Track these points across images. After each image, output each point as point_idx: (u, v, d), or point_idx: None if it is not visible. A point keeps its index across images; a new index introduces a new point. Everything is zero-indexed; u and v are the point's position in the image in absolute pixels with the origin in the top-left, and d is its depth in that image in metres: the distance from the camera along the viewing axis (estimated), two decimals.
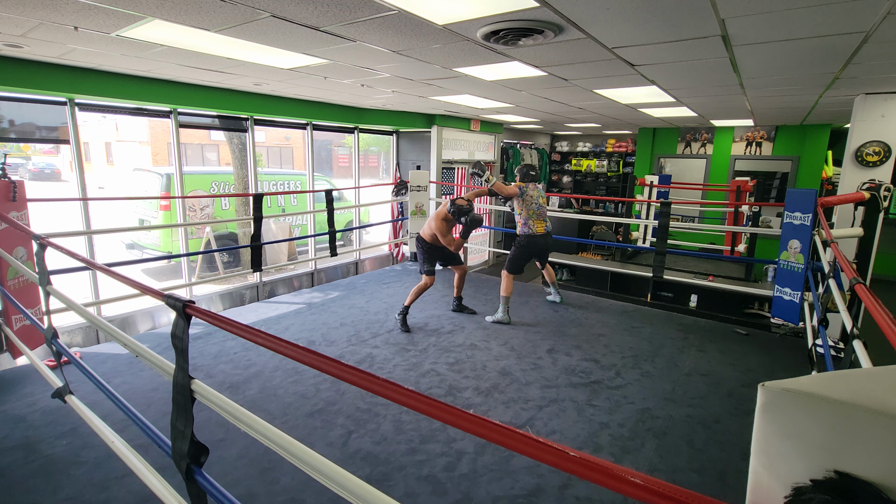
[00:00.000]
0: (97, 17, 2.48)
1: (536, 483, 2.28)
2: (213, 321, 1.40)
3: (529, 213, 4.40)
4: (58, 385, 2.51)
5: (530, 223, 4.40)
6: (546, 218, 4.48)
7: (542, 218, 4.43)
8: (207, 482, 1.47)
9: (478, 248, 9.18)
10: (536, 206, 4.40)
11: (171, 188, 6.39)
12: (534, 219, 4.41)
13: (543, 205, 4.48)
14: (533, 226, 4.41)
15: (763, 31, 2.49)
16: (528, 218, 4.41)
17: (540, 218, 4.42)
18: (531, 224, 4.40)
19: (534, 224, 4.40)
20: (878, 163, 4.35)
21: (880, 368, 0.66)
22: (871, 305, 1.53)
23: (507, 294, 4.43)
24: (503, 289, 4.43)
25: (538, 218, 4.42)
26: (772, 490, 0.64)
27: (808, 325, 3.66)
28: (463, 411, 0.92)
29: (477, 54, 3.15)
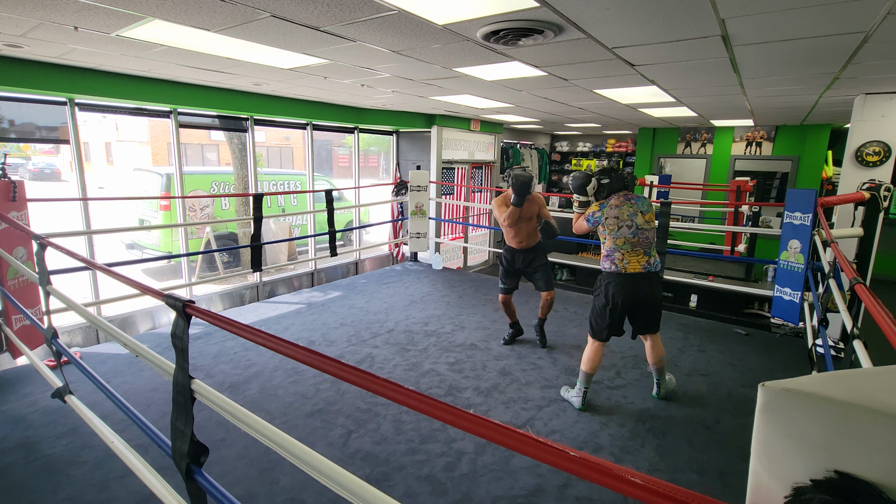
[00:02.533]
0: (97, 17, 2.48)
1: (536, 483, 2.28)
2: (213, 321, 1.40)
3: (616, 241, 2.86)
4: (58, 385, 2.51)
5: (616, 256, 2.85)
6: (650, 248, 2.86)
7: (640, 248, 2.84)
8: (207, 482, 1.47)
9: (478, 248, 9.18)
10: (629, 228, 2.84)
11: (171, 188, 6.39)
12: (623, 249, 2.84)
13: (644, 225, 2.85)
14: (621, 261, 2.84)
15: (763, 31, 2.49)
16: (614, 248, 2.86)
17: (636, 248, 2.83)
18: (617, 258, 2.85)
19: (623, 258, 2.83)
20: (878, 163, 4.35)
21: (880, 368, 0.66)
22: (871, 305, 1.52)
23: (588, 369, 2.94)
24: (583, 359, 2.98)
25: (632, 248, 2.83)
26: (772, 490, 0.64)
27: (808, 325, 3.66)
28: (463, 411, 0.92)
29: (477, 54, 3.15)
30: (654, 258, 2.88)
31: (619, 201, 2.90)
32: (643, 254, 2.84)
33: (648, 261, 2.85)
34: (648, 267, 2.84)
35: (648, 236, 2.86)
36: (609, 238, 2.88)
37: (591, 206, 2.99)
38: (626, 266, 2.83)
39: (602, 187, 2.98)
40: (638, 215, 2.86)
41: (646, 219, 2.86)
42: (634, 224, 2.84)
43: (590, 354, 2.96)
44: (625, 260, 2.84)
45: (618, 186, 2.94)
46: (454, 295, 5.36)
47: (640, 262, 2.83)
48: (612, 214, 2.87)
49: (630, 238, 2.84)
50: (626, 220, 2.85)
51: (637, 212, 2.87)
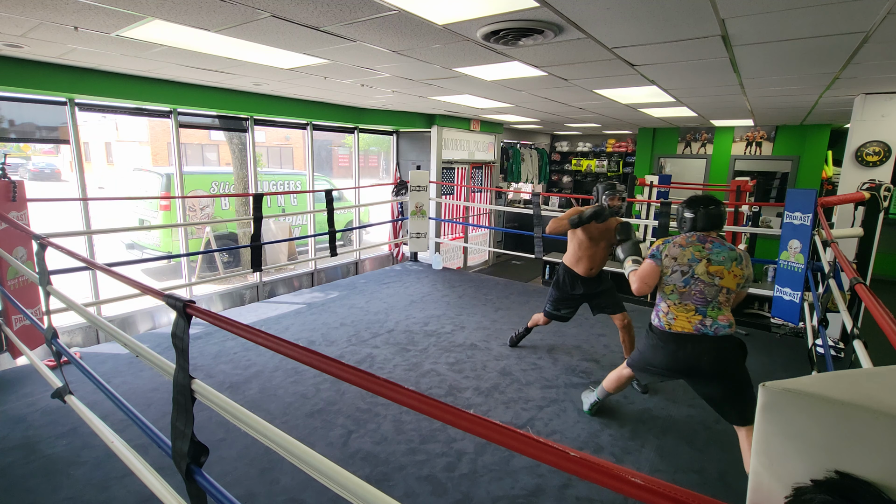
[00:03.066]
0: (97, 17, 2.48)
1: (537, 483, 2.28)
2: (213, 321, 1.40)
3: (664, 288, 2.31)
4: (58, 385, 2.51)
5: (661, 308, 2.34)
6: (709, 307, 2.21)
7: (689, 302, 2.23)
8: (207, 482, 1.47)
9: (478, 248, 9.18)
10: (682, 275, 2.24)
11: (171, 188, 6.38)
12: (670, 300, 2.29)
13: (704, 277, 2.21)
14: (666, 314, 2.29)
15: (763, 31, 2.49)
16: (661, 297, 2.35)
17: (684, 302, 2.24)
18: (662, 310, 2.32)
19: (669, 311, 2.29)
20: (878, 163, 4.35)
21: (880, 368, 0.66)
22: (871, 305, 1.52)
23: (611, 389, 2.74)
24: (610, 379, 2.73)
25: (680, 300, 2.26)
26: (772, 490, 0.64)
27: (808, 325, 3.66)
28: (463, 411, 0.92)
29: (477, 54, 3.15)
30: (713, 319, 2.20)
31: (687, 241, 2.28)
32: (694, 311, 2.22)
33: (703, 321, 2.20)
34: (704, 329, 2.19)
35: (705, 292, 2.20)
36: (661, 283, 2.33)
37: (655, 243, 2.40)
38: (672, 323, 2.26)
39: (682, 220, 2.36)
40: (701, 263, 2.21)
41: (710, 270, 2.20)
42: (691, 272, 2.22)
43: (619, 378, 2.66)
44: (671, 314, 2.28)
45: (697, 227, 2.30)
46: (454, 295, 5.36)
47: (691, 320, 2.22)
48: (672, 254, 2.28)
49: (680, 288, 2.24)
50: (685, 265, 2.24)
51: (703, 259, 2.22)
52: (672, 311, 2.28)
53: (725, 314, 2.23)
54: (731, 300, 2.24)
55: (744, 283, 2.27)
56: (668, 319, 2.29)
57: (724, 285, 2.20)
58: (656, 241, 2.48)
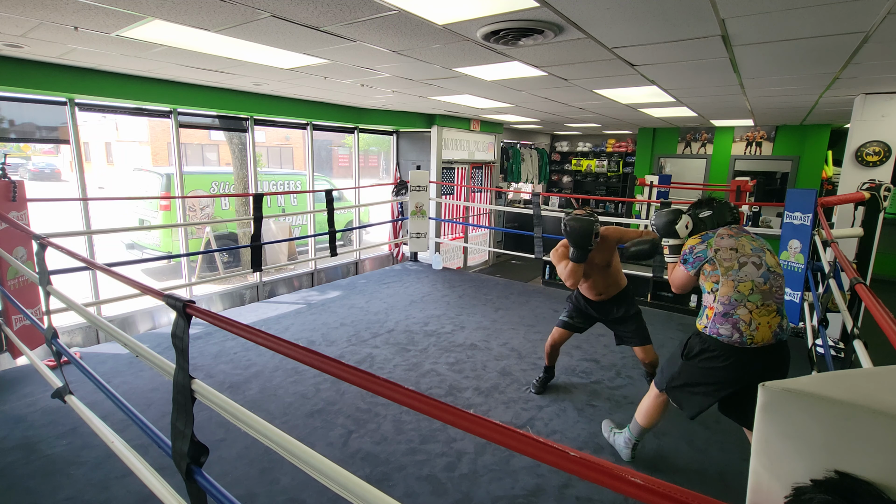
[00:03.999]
0: (97, 17, 2.48)
1: (537, 483, 2.28)
2: (213, 321, 1.40)
3: (738, 287, 1.90)
4: (58, 385, 2.51)
5: (741, 314, 1.89)
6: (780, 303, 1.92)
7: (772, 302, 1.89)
8: (207, 482, 1.47)
9: (478, 248, 9.18)
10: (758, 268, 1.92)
11: (171, 188, 6.38)
12: (752, 302, 1.88)
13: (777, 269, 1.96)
14: (748, 324, 1.87)
15: (763, 31, 2.49)
16: (736, 300, 1.90)
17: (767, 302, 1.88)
18: (743, 317, 1.88)
19: (752, 318, 1.87)
20: (878, 163, 4.35)
21: (880, 368, 0.66)
22: (871, 305, 1.52)
23: (645, 423, 2.31)
24: (641, 410, 2.32)
25: (763, 301, 1.88)
26: (772, 490, 0.64)
27: (808, 325, 3.66)
28: (463, 411, 0.92)
29: (477, 54, 3.15)
30: (786, 320, 1.94)
31: (733, 231, 2.04)
32: (776, 312, 1.88)
33: (781, 324, 1.90)
34: (781, 334, 1.90)
35: (782, 286, 1.94)
36: (725, 282, 1.91)
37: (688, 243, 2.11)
38: (755, 333, 1.85)
39: (699, 223, 2.15)
40: (766, 253, 1.96)
41: (776, 260, 1.99)
42: (764, 264, 1.91)
43: (651, 408, 2.26)
44: (753, 323, 1.85)
45: (722, 220, 2.11)
46: (454, 295, 5.36)
47: (771, 324, 1.86)
48: (727, 245, 1.97)
49: (761, 284, 1.88)
50: (752, 255, 1.92)
51: (764, 248, 1.98)
52: (755, 317, 1.85)
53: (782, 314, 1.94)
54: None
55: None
56: (750, 331, 1.85)
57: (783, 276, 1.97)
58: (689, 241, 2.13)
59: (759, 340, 1.87)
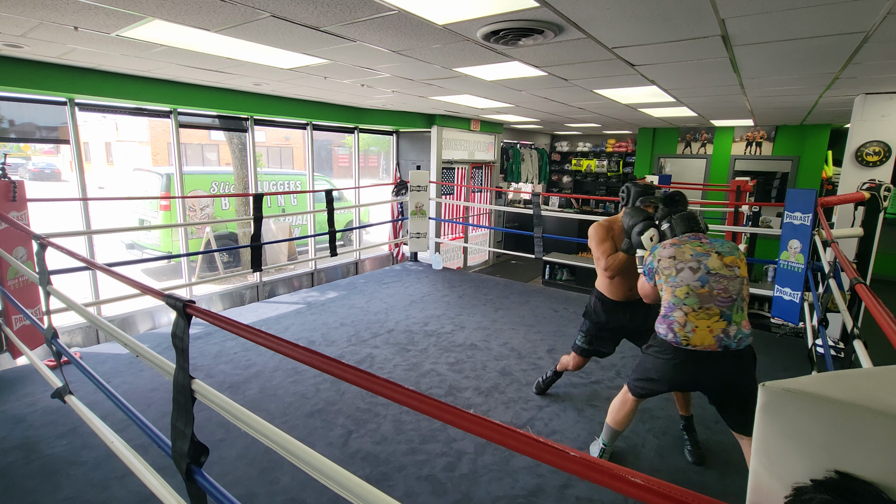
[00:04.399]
0: (97, 17, 2.48)
1: (537, 483, 2.28)
2: (213, 321, 1.40)
3: (675, 292, 1.97)
4: (58, 385, 2.51)
5: (676, 316, 1.96)
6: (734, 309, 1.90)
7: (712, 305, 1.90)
8: (207, 482, 1.47)
9: (478, 248, 9.18)
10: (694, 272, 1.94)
11: (171, 188, 6.38)
12: (687, 305, 1.93)
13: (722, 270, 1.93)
14: (683, 326, 1.93)
15: (763, 31, 2.49)
16: (673, 304, 1.97)
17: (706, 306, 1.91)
18: (678, 319, 1.95)
19: (687, 320, 1.93)
20: (878, 163, 4.35)
21: (880, 368, 0.66)
22: (871, 305, 1.52)
23: (614, 424, 2.30)
24: (611, 410, 2.32)
25: (701, 304, 1.91)
26: (772, 490, 0.64)
27: (808, 325, 3.66)
28: (463, 411, 0.92)
29: (477, 54, 3.15)
30: (737, 327, 1.89)
31: (679, 240, 2.05)
32: (719, 316, 1.88)
33: (727, 329, 1.87)
34: (727, 340, 1.87)
35: (729, 289, 1.89)
36: (665, 289, 2.00)
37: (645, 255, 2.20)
38: (690, 336, 1.89)
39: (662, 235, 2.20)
40: (711, 256, 1.94)
41: (725, 262, 1.92)
42: (703, 267, 1.92)
43: (618, 408, 2.26)
44: (688, 325, 1.90)
45: (681, 231, 2.10)
46: (454, 295, 5.36)
47: (712, 328, 1.87)
48: (667, 255, 2.01)
49: (697, 288, 1.90)
50: (690, 260, 1.94)
51: (709, 252, 1.95)
52: (690, 319, 1.90)
53: (746, 318, 1.93)
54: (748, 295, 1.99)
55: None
56: (685, 332, 1.91)
57: (743, 275, 1.93)
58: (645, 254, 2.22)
59: (698, 343, 1.90)
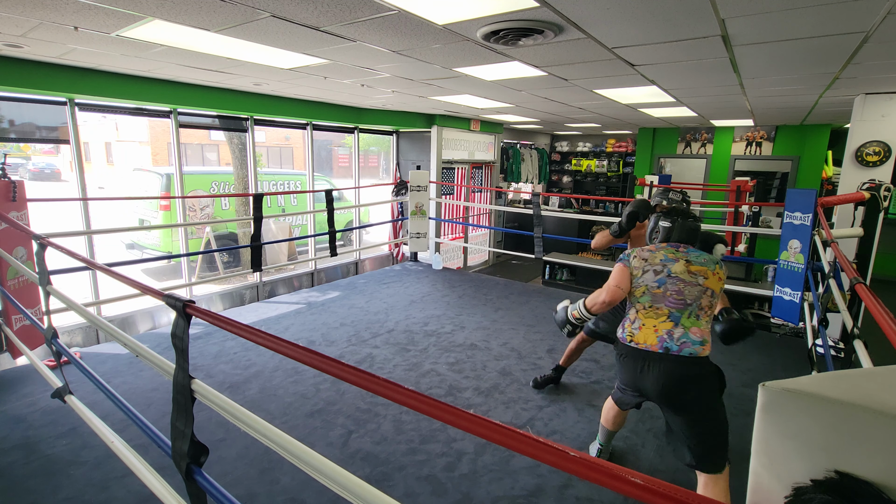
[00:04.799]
0: (97, 17, 2.48)
1: (537, 483, 2.28)
2: (213, 321, 1.40)
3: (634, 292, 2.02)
4: (58, 385, 2.51)
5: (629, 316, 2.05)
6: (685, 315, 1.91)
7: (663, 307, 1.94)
8: (207, 482, 1.47)
9: (478, 248, 9.18)
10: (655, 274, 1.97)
11: (171, 188, 6.38)
12: (640, 303, 2.00)
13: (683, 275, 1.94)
14: (632, 323, 2.01)
15: (763, 31, 2.49)
16: (630, 304, 2.07)
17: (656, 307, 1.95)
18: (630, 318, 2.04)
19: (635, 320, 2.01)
20: (878, 163, 4.35)
21: (880, 368, 0.66)
22: (871, 305, 1.52)
23: (607, 424, 2.37)
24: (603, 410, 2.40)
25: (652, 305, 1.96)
26: (772, 490, 0.64)
27: (808, 325, 3.66)
28: (463, 411, 0.92)
29: (477, 54, 3.15)
30: (684, 330, 1.88)
31: (658, 248, 2.07)
32: (667, 317, 1.90)
33: (672, 332, 1.88)
34: (668, 342, 1.87)
35: (685, 293, 1.90)
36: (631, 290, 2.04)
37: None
38: (635, 332, 1.95)
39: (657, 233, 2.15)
40: (678, 262, 1.95)
41: (691, 269, 1.93)
42: (666, 271, 1.94)
43: (608, 408, 2.34)
44: (637, 322, 1.96)
45: (678, 238, 2.07)
46: (454, 295, 5.36)
47: (658, 328, 1.90)
48: (641, 256, 2.03)
49: (653, 288, 1.94)
50: (657, 264, 1.97)
51: (678, 259, 1.96)
52: (640, 317, 1.96)
53: (701, 328, 1.90)
54: (713, 308, 1.96)
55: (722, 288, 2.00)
56: (631, 329, 1.97)
57: (708, 286, 1.92)
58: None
59: (641, 341, 1.92)
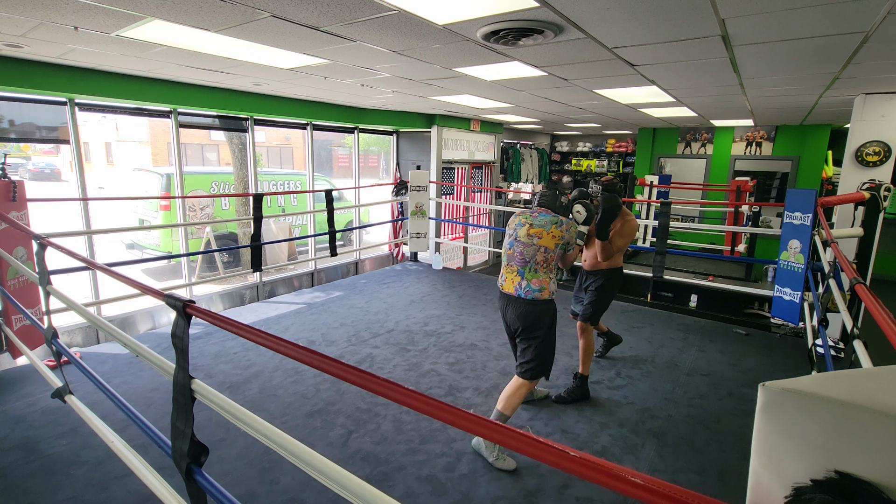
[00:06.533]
0: (97, 17, 2.48)
1: (536, 483, 2.28)
2: (213, 321, 1.40)
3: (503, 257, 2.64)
4: (58, 385, 2.51)
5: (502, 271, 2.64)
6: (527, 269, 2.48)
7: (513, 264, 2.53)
8: (207, 482, 1.47)
9: (478, 248, 9.18)
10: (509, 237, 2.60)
11: (171, 188, 6.39)
12: (506, 266, 2.59)
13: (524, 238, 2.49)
14: (501, 274, 2.63)
15: (763, 31, 2.49)
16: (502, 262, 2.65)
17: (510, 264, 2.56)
18: (502, 273, 2.64)
19: (503, 272, 2.62)
20: (878, 163, 4.35)
21: (880, 368, 0.66)
22: (871, 305, 1.52)
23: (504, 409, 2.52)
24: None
25: (507, 262, 2.58)
26: (772, 490, 0.64)
27: (808, 325, 3.66)
28: (463, 411, 0.92)
29: (477, 54, 3.15)
30: (527, 282, 2.45)
31: (522, 212, 2.62)
32: (516, 272, 2.50)
33: (520, 283, 2.48)
34: (520, 291, 2.48)
35: (525, 254, 2.47)
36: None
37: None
38: (503, 283, 2.57)
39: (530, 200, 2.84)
40: (524, 227, 2.50)
41: (530, 233, 2.47)
42: (515, 234, 2.53)
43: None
44: (503, 276, 2.59)
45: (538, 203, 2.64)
46: (454, 295, 5.36)
47: (513, 280, 2.51)
48: (512, 222, 2.62)
49: (507, 249, 2.57)
50: (513, 228, 2.58)
51: (526, 223, 2.51)
52: (504, 272, 2.58)
53: (539, 278, 2.46)
54: (549, 261, 2.47)
55: (563, 244, 2.50)
56: (500, 281, 2.61)
57: (542, 244, 2.45)
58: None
59: (506, 289, 2.55)
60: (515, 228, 2.54)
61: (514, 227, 2.55)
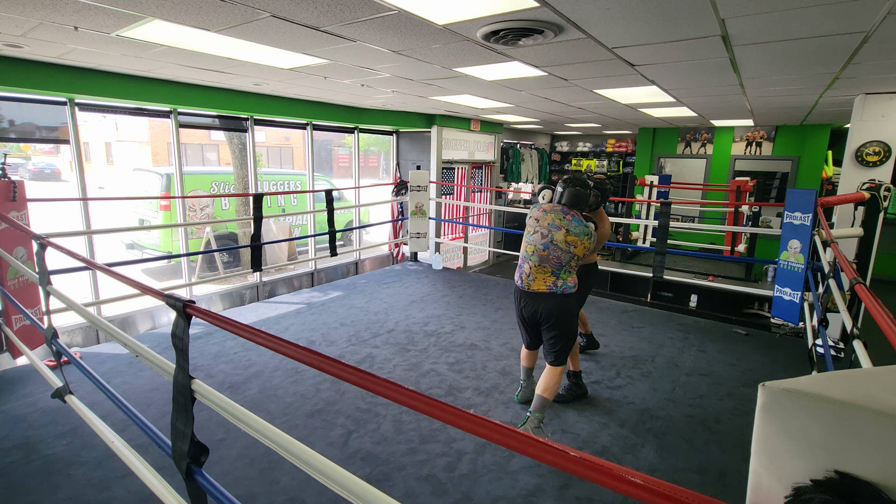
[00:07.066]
0: (97, 17, 2.48)
1: (536, 483, 2.28)
2: (213, 321, 1.40)
3: (526, 248, 2.68)
4: (58, 385, 2.51)
5: (524, 268, 2.67)
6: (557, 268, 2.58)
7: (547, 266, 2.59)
8: (207, 482, 1.47)
9: (478, 248, 9.18)
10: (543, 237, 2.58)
11: (171, 188, 6.38)
12: (531, 262, 2.62)
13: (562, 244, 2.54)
14: (528, 276, 2.64)
15: (763, 31, 2.49)
16: (524, 257, 2.69)
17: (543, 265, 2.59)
18: (525, 270, 2.66)
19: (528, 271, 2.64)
20: (878, 163, 4.35)
21: (880, 368, 0.66)
22: (871, 305, 1.52)
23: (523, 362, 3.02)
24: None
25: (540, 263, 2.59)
26: (772, 490, 0.64)
27: (808, 325, 3.66)
28: (463, 411, 0.92)
29: (477, 54, 3.15)
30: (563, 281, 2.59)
31: (551, 207, 2.64)
32: (551, 273, 2.59)
33: (556, 283, 2.58)
34: (555, 289, 2.59)
35: (562, 259, 2.55)
36: (523, 241, 2.70)
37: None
38: (532, 282, 2.60)
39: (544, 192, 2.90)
40: (561, 231, 2.54)
41: (567, 240, 2.54)
42: (551, 237, 2.55)
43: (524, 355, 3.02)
44: (531, 276, 2.61)
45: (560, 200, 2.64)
46: (454, 295, 5.36)
47: (546, 280, 2.58)
48: (534, 216, 2.65)
49: (539, 249, 2.58)
50: (544, 227, 2.57)
51: (563, 227, 2.54)
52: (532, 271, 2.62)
53: (572, 275, 2.62)
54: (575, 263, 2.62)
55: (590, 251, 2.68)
56: (526, 280, 2.64)
57: (576, 253, 2.57)
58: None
59: (538, 288, 2.60)
60: (550, 230, 2.55)
61: (549, 228, 2.56)
